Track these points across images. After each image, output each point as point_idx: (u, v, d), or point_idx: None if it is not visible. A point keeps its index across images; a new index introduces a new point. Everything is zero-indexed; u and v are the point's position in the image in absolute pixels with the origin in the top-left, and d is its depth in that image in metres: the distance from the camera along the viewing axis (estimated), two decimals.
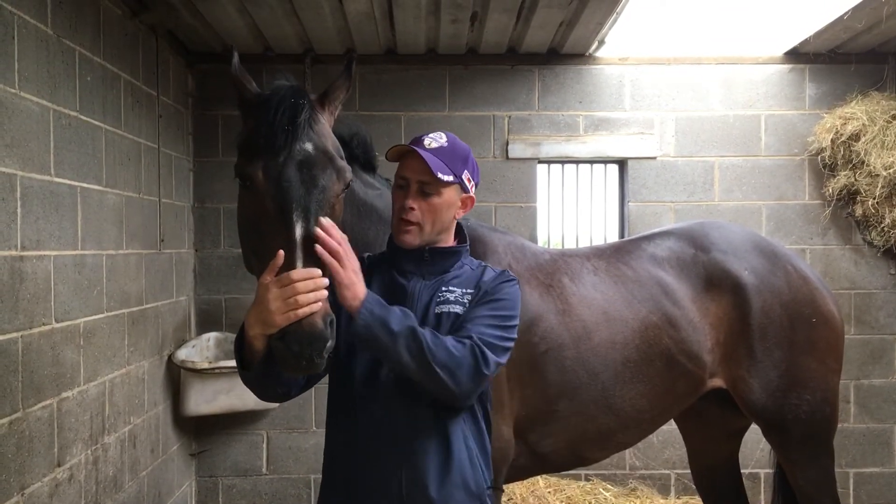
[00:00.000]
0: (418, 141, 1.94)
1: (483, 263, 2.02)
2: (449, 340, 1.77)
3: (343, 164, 1.82)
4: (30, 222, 2.75)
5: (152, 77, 4.06)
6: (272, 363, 1.68)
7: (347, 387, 1.90)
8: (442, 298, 1.90)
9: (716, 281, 2.91)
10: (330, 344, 1.63)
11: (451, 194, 1.92)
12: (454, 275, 1.95)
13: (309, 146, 1.75)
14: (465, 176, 1.94)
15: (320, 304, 1.61)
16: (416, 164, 1.89)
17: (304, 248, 1.64)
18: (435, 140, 1.93)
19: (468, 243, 2.04)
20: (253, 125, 1.79)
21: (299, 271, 1.61)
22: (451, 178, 1.88)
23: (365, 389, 1.87)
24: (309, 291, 1.59)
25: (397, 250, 1.96)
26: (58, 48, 2.98)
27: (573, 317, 2.72)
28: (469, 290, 1.91)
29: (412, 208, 1.89)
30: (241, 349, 1.74)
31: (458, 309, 1.88)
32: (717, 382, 2.93)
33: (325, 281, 1.63)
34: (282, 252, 1.62)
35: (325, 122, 1.88)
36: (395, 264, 1.97)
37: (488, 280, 1.94)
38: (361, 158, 2.41)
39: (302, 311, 1.57)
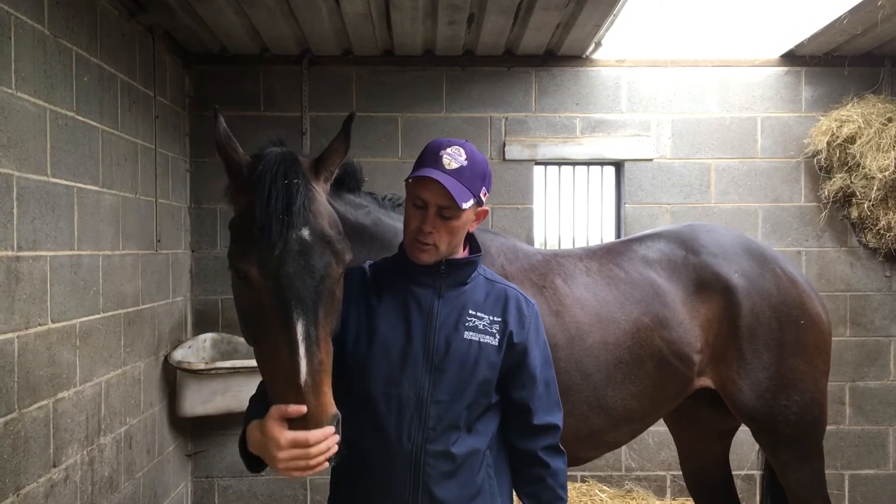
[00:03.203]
0: (437, 159, 1.82)
1: (500, 280, 1.99)
2: (560, 477, 1.92)
3: (341, 245, 1.75)
4: (26, 222, 2.76)
5: (149, 77, 4.07)
6: None
7: (367, 406, 1.83)
8: (471, 325, 1.86)
9: (706, 283, 2.92)
10: (338, 444, 1.61)
11: (469, 215, 1.86)
12: (473, 296, 1.91)
13: (306, 233, 1.67)
14: (482, 192, 1.88)
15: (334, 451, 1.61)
16: (435, 186, 1.78)
17: (305, 345, 1.60)
18: (454, 159, 1.81)
19: (482, 252, 2.00)
20: (245, 207, 1.71)
21: (316, 433, 1.56)
22: (471, 203, 1.81)
23: (385, 410, 1.81)
24: (321, 454, 1.58)
25: (411, 262, 1.91)
26: (55, 48, 2.99)
27: (567, 318, 2.72)
28: (496, 319, 1.88)
29: (430, 232, 1.81)
30: (245, 448, 1.69)
31: (489, 339, 1.86)
32: (706, 382, 2.94)
33: (337, 437, 1.60)
34: (294, 407, 1.57)
35: (321, 197, 1.81)
36: (409, 275, 1.91)
37: (514, 312, 1.90)
38: (349, 185, 2.29)
39: (309, 474, 1.59)
